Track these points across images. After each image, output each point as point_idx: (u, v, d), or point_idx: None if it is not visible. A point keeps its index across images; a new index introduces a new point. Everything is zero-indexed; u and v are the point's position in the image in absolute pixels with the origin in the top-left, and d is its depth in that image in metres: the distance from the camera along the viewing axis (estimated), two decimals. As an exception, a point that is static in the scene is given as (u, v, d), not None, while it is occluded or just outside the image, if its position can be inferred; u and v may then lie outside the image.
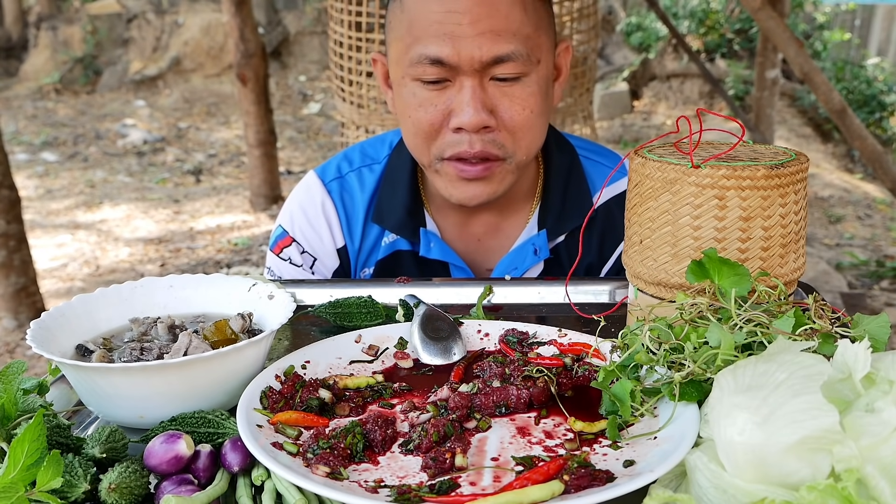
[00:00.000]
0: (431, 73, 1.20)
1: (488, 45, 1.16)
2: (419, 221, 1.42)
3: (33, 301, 4.20)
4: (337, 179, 1.47)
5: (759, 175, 0.90)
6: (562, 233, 1.42)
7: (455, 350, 1.00)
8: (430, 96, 1.22)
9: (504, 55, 1.17)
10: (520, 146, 1.25)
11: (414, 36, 1.20)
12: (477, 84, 1.19)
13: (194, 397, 0.86)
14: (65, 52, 10.51)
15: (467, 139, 1.22)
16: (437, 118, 1.23)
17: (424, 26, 1.18)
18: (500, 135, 1.23)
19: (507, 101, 1.21)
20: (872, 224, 6.18)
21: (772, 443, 0.64)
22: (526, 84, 1.22)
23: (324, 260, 1.46)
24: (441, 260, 1.42)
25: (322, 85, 10.28)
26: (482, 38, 1.16)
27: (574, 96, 3.51)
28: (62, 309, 0.97)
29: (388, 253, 1.45)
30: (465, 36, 1.16)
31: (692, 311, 0.84)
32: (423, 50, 1.19)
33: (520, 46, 1.18)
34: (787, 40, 3.22)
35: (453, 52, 1.17)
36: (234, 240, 5.87)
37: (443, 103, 1.22)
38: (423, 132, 1.25)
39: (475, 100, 1.19)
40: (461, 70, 1.19)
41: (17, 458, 0.68)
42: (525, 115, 1.23)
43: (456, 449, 0.77)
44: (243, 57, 5.70)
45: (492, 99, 1.21)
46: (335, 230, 1.45)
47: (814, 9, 9.44)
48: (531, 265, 1.42)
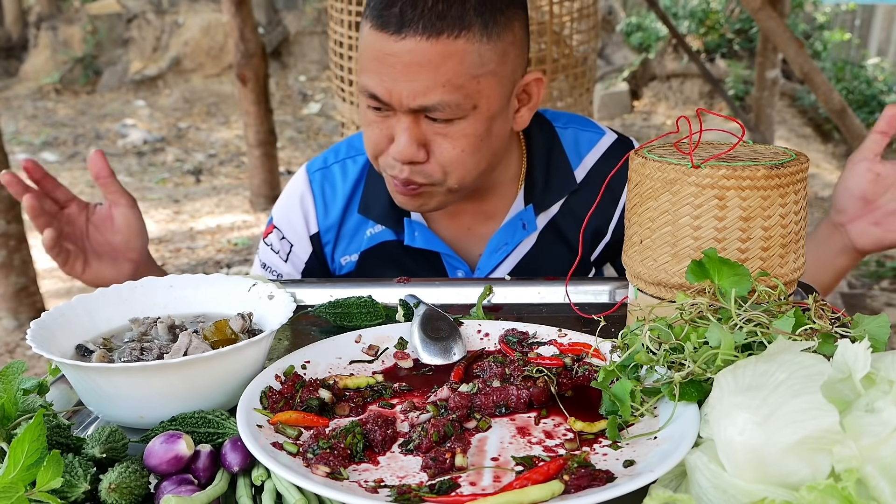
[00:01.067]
0: (372, 103, 1.24)
1: (415, 94, 1.18)
2: (403, 211, 1.44)
3: (33, 301, 4.20)
4: (321, 170, 1.52)
5: (759, 175, 0.90)
6: (548, 206, 1.45)
7: (455, 350, 1.00)
8: (377, 120, 1.26)
9: (430, 106, 1.19)
10: (450, 178, 1.28)
11: (363, 64, 1.24)
12: (411, 121, 1.23)
13: (194, 397, 0.86)
14: (65, 52, 10.51)
15: (398, 166, 1.26)
16: (381, 141, 1.27)
17: (367, 60, 1.21)
18: (429, 167, 1.26)
19: (440, 139, 1.24)
20: (872, 224, 6.17)
21: (772, 443, 0.64)
22: (459, 126, 1.23)
23: (298, 247, 1.51)
24: (428, 249, 1.44)
25: (322, 85, 10.28)
26: (411, 85, 1.18)
27: (574, 96, 3.51)
28: (62, 309, 0.97)
29: (373, 244, 1.48)
30: (396, 80, 1.18)
31: (692, 311, 0.84)
32: (365, 81, 1.23)
33: (449, 97, 1.19)
34: (787, 40, 3.22)
35: (385, 93, 1.20)
36: (234, 240, 5.87)
37: (386, 129, 1.26)
38: (370, 148, 1.31)
39: (407, 136, 1.23)
40: (395, 108, 1.22)
41: (17, 458, 0.68)
42: (455, 154, 1.25)
43: (456, 449, 0.77)
44: (243, 57, 5.70)
45: (425, 135, 1.24)
46: (310, 218, 1.50)
47: (814, 9, 9.44)
48: (521, 239, 1.45)
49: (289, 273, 1.52)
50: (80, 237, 1.32)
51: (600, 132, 1.52)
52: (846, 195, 1.28)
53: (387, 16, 1.17)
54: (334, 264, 1.54)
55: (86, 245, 1.32)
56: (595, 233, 1.51)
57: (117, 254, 1.34)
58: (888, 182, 1.25)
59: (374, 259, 1.49)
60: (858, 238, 1.28)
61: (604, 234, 1.51)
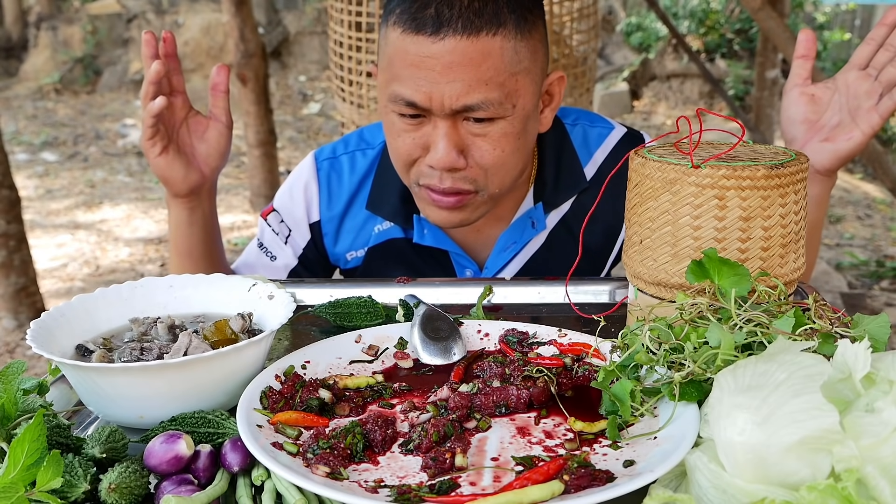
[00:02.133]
0: (407, 111, 1.22)
1: (458, 95, 1.17)
2: (413, 209, 1.43)
3: (33, 301, 4.20)
4: (329, 160, 1.51)
5: (759, 175, 0.90)
6: (558, 204, 1.45)
7: (455, 350, 1.00)
8: (408, 129, 1.24)
9: (474, 104, 1.18)
10: (492, 181, 1.27)
11: (392, 73, 1.22)
12: (450, 126, 1.21)
13: (194, 397, 0.86)
14: (65, 52, 10.51)
15: (438, 175, 1.25)
16: (415, 150, 1.26)
17: (400, 66, 1.20)
18: (472, 171, 1.25)
19: (480, 141, 1.23)
20: (872, 224, 6.18)
21: (772, 443, 0.64)
22: (499, 126, 1.22)
23: (297, 232, 1.52)
24: (436, 247, 1.43)
25: (322, 85, 10.28)
26: (453, 86, 1.17)
27: (574, 96, 3.51)
28: (62, 309, 0.97)
29: (381, 241, 1.47)
30: (436, 83, 1.17)
31: (692, 311, 0.84)
32: (399, 90, 1.21)
33: (492, 94, 1.18)
34: (787, 40, 3.22)
35: (425, 98, 1.18)
36: (234, 240, 5.87)
37: (420, 137, 1.24)
38: (401, 160, 1.29)
39: (446, 141, 1.21)
40: (434, 112, 1.20)
41: (17, 458, 0.68)
42: (496, 155, 1.24)
43: (456, 449, 0.77)
44: (243, 57, 5.70)
45: (464, 139, 1.23)
46: (312, 207, 1.50)
47: (814, 9, 9.44)
48: (530, 238, 1.45)
49: (286, 257, 1.51)
50: (174, 127, 1.34)
51: (609, 127, 1.51)
52: (790, 124, 1.31)
53: (422, 18, 1.16)
54: (335, 257, 1.53)
55: (174, 136, 1.34)
56: (608, 230, 1.48)
57: (195, 160, 1.36)
58: (824, 100, 1.29)
59: (381, 256, 1.48)
60: (815, 159, 1.29)
61: (618, 231, 1.49)
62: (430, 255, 1.46)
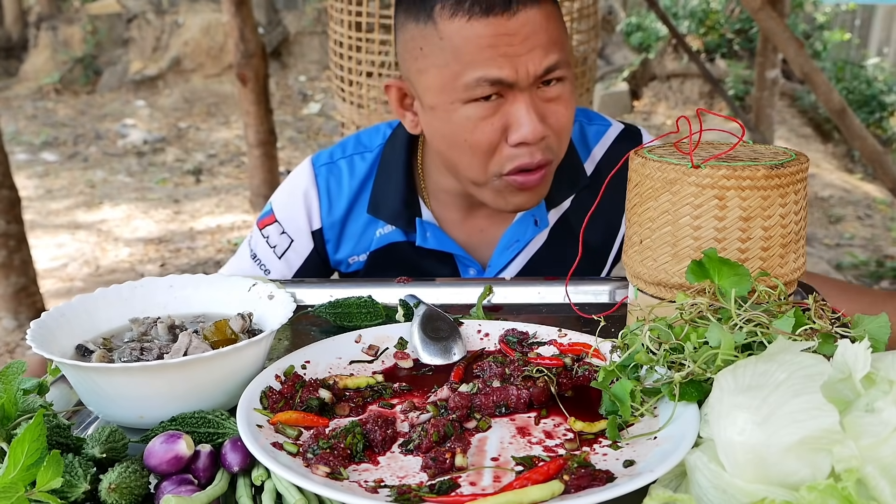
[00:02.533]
0: (491, 90, 1.22)
1: (540, 59, 1.21)
2: (415, 212, 1.43)
3: (33, 301, 4.19)
4: (327, 165, 1.50)
5: (759, 175, 0.90)
6: (560, 201, 1.46)
7: (455, 350, 1.00)
8: (486, 115, 1.24)
9: (553, 64, 1.23)
10: (562, 146, 1.31)
11: (464, 62, 1.21)
12: (531, 96, 1.24)
13: (194, 397, 0.86)
14: (65, 52, 10.51)
15: (528, 151, 1.25)
16: (495, 136, 1.25)
17: (475, 51, 1.20)
18: (550, 139, 1.27)
19: (554, 106, 1.26)
20: (872, 224, 6.18)
21: (772, 443, 0.64)
22: (566, 86, 1.27)
23: (299, 242, 1.49)
24: (440, 250, 1.43)
25: (322, 85, 10.28)
26: (533, 53, 1.21)
27: (574, 96, 3.50)
28: (62, 309, 0.97)
29: (383, 244, 1.46)
30: (519, 55, 1.20)
31: (692, 311, 0.84)
32: (480, 73, 1.20)
33: (562, 54, 1.24)
34: (787, 40, 3.22)
35: (511, 72, 1.20)
36: (234, 240, 5.87)
37: (498, 120, 1.24)
38: (481, 152, 1.27)
39: (533, 113, 1.23)
40: (517, 86, 1.22)
41: (17, 458, 0.68)
42: (568, 116, 1.29)
43: (456, 449, 0.77)
44: (243, 57, 5.70)
45: (541, 108, 1.25)
46: (314, 213, 1.49)
47: (814, 9, 9.43)
48: (533, 236, 1.45)
49: (279, 271, 1.49)
50: None
51: (607, 124, 1.52)
52: None
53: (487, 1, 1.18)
54: (336, 262, 1.52)
55: None
56: (608, 226, 1.48)
57: None
58: None
59: (383, 260, 1.47)
60: None
61: (618, 226, 1.49)
62: (433, 257, 1.45)
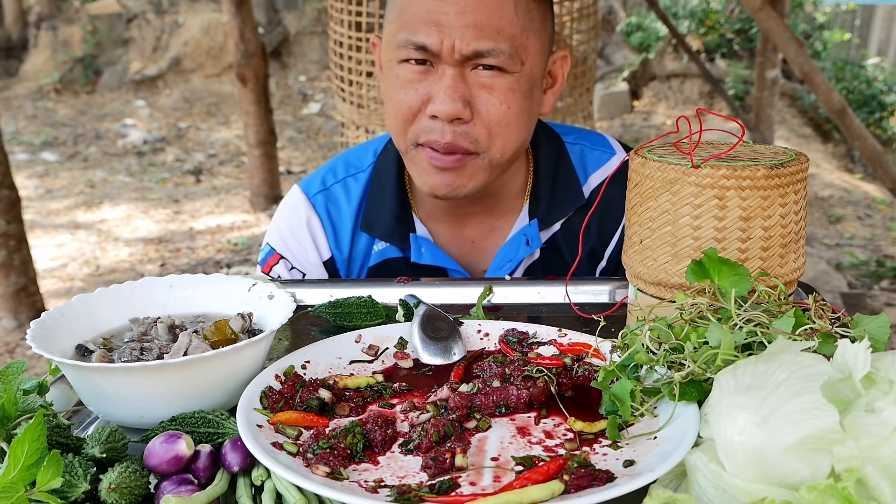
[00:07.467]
0: (415, 55, 1.21)
1: (470, 39, 1.17)
2: (408, 227, 1.41)
3: (33, 301, 4.20)
4: (322, 192, 1.47)
5: (759, 175, 0.90)
6: (553, 222, 1.42)
7: (455, 350, 1.00)
8: (412, 80, 1.23)
9: (485, 50, 1.18)
10: (494, 143, 1.25)
11: (403, 21, 1.21)
12: (457, 74, 1.20)
13: (194, 397, 0.86)
14: (65, 52, 10.51)
15: (440, 128, 1.22)
16: (416, 102, 1.23)
17: (414, 12, 1.20)
18: (475, 128, 1.23)
19: (486, 94, 1.21)
20: (872, 224, 6.18)
21: (772, 443, 0.64)
22: (507, 80, 1.22)
23: (312, 275, 1.46)
24: (434, 265, 1.42)
25: (322, 85, 10.28)
26: (466, 30, 1.17)
27: (574, 96, 3.51)
28: (62, 309, 0.97)
29: (379, 261, 1.44)
30: (450, 26, 1.17)
31: (692, 311, 0.84)
32: (409, 35, 1.20)
33: (502, 44, 1.19)
34: (787, 40, 3.22)
35: (437, 41, 1.18)
36: (234, 240, 5.87)
37: (423, 88, 1.23)
38: (401, 115, 1.26)
39: (452, 89, 1.19)
40: (443, 59, 1.20)
41: (17, 458, 0.68)
42: (502, 111, 1.22)
43: (456, 449, 0.77)
44: (243, 57, 5.71)
45: (470, 90, 1.21)
46: (321, 244, 1.45)
47: (814, 9, 9.44)
48: (524, 255, 1.42)
49: None
50: None
51: (610, 151, 1.48)
52: None
53: None
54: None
55: None
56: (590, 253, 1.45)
57: None
58: None
59: (380, 275, 1.45)
60: None
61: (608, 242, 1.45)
62: (427, 273, 1.43)
